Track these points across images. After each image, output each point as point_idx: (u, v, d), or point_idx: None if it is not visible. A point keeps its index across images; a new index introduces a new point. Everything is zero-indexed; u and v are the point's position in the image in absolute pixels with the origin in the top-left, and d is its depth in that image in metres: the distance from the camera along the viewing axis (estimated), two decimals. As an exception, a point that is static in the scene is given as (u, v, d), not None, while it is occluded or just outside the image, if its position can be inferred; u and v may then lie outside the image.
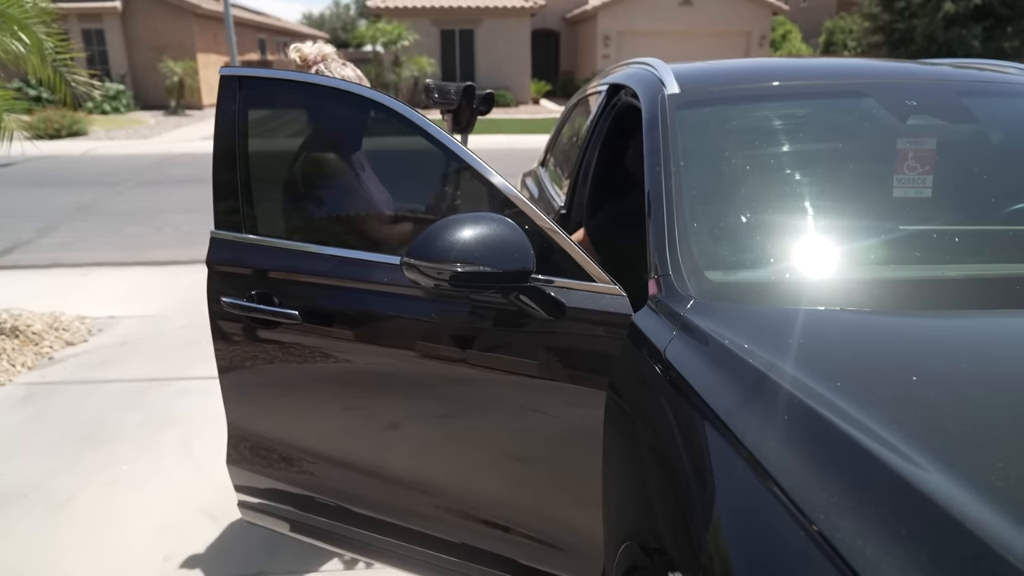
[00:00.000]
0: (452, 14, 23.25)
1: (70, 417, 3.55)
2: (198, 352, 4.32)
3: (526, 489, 1.80)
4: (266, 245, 1.93)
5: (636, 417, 1.45)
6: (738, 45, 25.01)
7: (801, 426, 1.07)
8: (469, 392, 1.77)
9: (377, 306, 1.82)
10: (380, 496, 2.00)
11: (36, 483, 2.97)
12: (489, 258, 1.50)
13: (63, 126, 16.22)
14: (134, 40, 22.85)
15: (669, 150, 1.79)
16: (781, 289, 1.49)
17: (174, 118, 20.89)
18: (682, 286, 1.49)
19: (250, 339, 1.97)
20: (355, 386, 1.95)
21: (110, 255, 6.72)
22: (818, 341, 1.29)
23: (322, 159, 2.13)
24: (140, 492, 2.90)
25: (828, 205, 1.76)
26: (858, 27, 24.37)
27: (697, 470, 1.18)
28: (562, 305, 1.60)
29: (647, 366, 1.44)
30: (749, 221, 1.71)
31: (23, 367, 4.16)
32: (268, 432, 2.10)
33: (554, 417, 1.68)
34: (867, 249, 1.63)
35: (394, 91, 21.87)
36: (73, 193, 9.74)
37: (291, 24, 36.69)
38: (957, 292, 1.53)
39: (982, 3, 19.94)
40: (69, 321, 4.84)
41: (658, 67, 2.16)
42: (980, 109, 2.03)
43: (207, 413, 3.52)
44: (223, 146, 1.95)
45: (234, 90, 1.96)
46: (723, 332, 1.32)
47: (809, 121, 2.04)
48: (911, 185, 1.81)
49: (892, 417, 1.04)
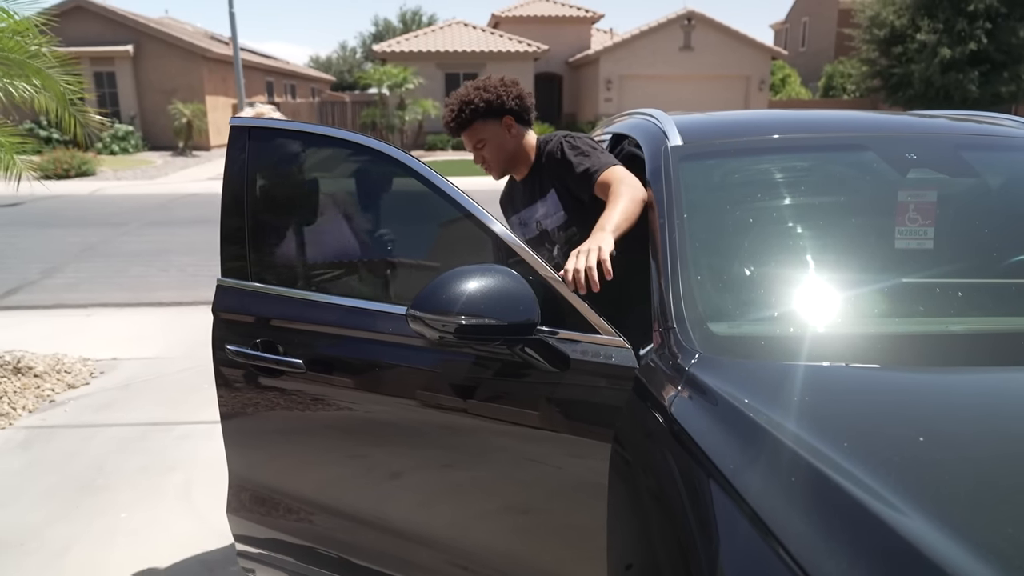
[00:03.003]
0: (457, 58, 23.69)
1: (69, 462, 3.52)
2: (200, 396, 4.30)
3: (527, 541, 1.78)
4: (271, 293, 1.94)
5: (640, 471, 1.44)
6: (738, 89, 25.39)
7: (808, 488, 1.06)
8: (471, 442, 1.76)
9: (382, 356, 1.82)
10: (381, 548, 1.98)
11: (33, 531, 2.93)
12: (494, 310, 1.50)
13: (72, 166, 16.43)
14: (144, 83, 23.28)
15: (672, 202, 1.80)
16: (786, 344, 1.49)
17: (181, 159, 21.17)
18: (687, 339, 1.49)
19: (254, 387, 1.97)
20: (358, 436, 1.94)
21: (114, 296, 6.74)
22: (824, 399, 1.29)
23: (327, 206, 2.16)
24: (139, 541, 2.86)
25: (831, 258, 1.77)
26: (856, 71, 24.76)
27: (702, 527, 1.16)
28: (566, 357, 1.60)
29: (652, 420, 1.43)
30: (753, 274, 1.72)
31: (24, 410, 4.15)
32: (270, 481, 2.08)
33: (557, 468, 1.67)
34: (871, 303, 1.64)
35: (399, 133, 22.18)
36: (79, 233, 9.82)
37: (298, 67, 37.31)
38: (961, 348, 1.53)
39: (978, 49, 20.30)
40: (71, 363, 4.84)
41: (660, 118, 2.19)
42: (979, 162, 2.06)
43: (208, 459, 3.49)
44: (231, 194, 1.98)
45: (243, 140, 1.99)
46: (729, 389, 1.32)
47: (811, 174, 2.07)
48: (912, 237, 1.83)
49: (900, 480, 1.04)
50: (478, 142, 2.22)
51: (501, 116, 2.19)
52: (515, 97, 2.20)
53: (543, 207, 2.22)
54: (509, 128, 2.21)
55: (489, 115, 2.18)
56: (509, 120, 2.20)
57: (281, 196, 2.11)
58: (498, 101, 2.17)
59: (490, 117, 2.18)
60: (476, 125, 2.19)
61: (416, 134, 22.53)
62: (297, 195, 2.15)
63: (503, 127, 2.20)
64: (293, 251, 2.09)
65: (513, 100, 2.19)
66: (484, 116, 2.18)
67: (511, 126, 2.21)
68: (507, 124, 2.20)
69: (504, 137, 2.22)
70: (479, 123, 2.19)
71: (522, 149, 2.25)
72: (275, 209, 2.07)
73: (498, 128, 2.20)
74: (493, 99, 2.17)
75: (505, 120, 2.20)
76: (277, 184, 2.10)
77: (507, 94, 2.18)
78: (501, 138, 2.21)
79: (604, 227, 1.75)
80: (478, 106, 2.17)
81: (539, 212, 2.24)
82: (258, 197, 2.00)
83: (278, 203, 2.09)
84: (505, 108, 2.18)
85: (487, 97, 2.17)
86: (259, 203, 2.00)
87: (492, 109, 2.17)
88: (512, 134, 2.22)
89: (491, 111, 2.18)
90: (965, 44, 20.34)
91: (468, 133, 2.22)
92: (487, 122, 2.19)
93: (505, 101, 2.18)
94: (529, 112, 2.26)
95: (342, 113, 24.60)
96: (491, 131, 2.20)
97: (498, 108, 2.18)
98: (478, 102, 2.17)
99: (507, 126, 2.20)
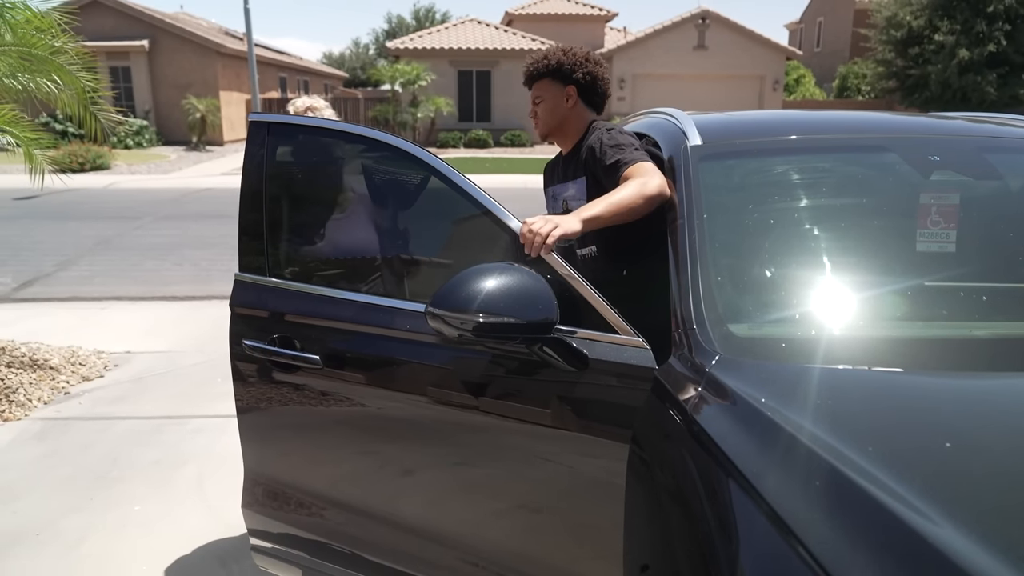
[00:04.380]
0: (470, 56, 23.67)
1: (84, 454, 3.54)
2: (213, 390, 4.32)
3: (541, 540, 1.77)
4: (289, 289, 1.95)
5: (659, 471, 1.43)
6: (752, 89, 25.25)
7: (834, 492, 1.05)
8: (486, 440, 1.75)
9: (399, 353, 1.82)
10: (394, 544, 1.98)
11: (48, 522, 2.96)
12: (513, 309, 1.50)
13: (87, 160, 16.53)
14: (159, 78, 23.40)
15: (692, 202, 1.79)
16: (807, 346, 1.48)
17: (195, 154, 21.27)
18: (707, 341, 1.48)
19: (270, 382, 1.97)
20: (374, 432, 1.94)
21: (128, 289, 6.78)
22: (848, 403, 1.27)
23: (345, 203, 2.16)
24: (151, 533, 2.88)
25: (851, 260, 1.75)
26: (872, 72, 24.57)
27: (722, 528, 1.16)
28: (585, 357, 1.59)
29: (672, 421, 1.42)
30: (773, 275, 1.71)
31: (39, 402, 4.18)
32: (285, 476, 2.08)
33: (571, 468, 1.66)
34: (892, 306, 1.62)
35: (411, 130, 22.19)
36: (94, 227, 9.88)
37: (311, 63, 37.40)
38: (985, 352, 1.51)
39: (997, 50, 20.09)
40: (86, 356, 4.87)
41: (679, 118, 2.17)
42: (1002, 165, 2.03)
43: (221, 452, 3.51)
44: (250, 190, 1.98)
45: (262, 135, 1.99)
46: (750, 391, 1.31)
47: (832, 175, 2.05)
48: (935, 240, 1.80)
49: (927, 485, 1.02)
50: (537, 97, 2.29)
51: (566, 83, 2.25)
52: (587, 73, 2.25)
53: (573, 188, 2.27)
54: (568, 98, 2.26)
55: (557, 77, 2.24)
56: (571, 90, 2.25)
57: (299, 192, 2.11)
58: (568, 68, 2.23)
59: (557, 79, 2.25)
60: (543, 82, 2.27)
61: (428, 131, 22.54)
62: (315, 191, 2.15)
63: (564, 94, 2.25)
64: (311, 247, 2.09)
65: (583, 74, 2.24)
66: (552, 76, 2.25)
67: (571, 96, 2.25)
68: (568, 93, 2.25)
69: (560, 103, 2.26)
70: (546, 81, 2.26)
71: (573, 123, 2.29)
72: (293, 205, 2.08)
73: (559, 93, 2.25)
74: (566, 63, 2.24)
75: (568, 89, 2.25)
76: (295, 180, 2.10)
77: (581, 67, 2.24)
78: (557, 102, 2.26)
79: (580, 212, 1.80)
80: (550, 64, 2.24)
81: (569, 191, 2.28)
82: (276, 193, 2.00)
83: (296, 199, 2.10)
84: (572, 77, 2.24)
85: (561, 60, 2.24)
86: (277, 199, 2.00)
87: (560, 73, 2.24)
88: (569, 104, 2.26)
89: (559, 74, 2.24)
90: (984, 46, 20.13)
91: (535, 87, 2.30)
92: (553, 82, 2.25)
93: (575, 70, 2.23)
94: (597, 94, 2.30)
95: (355, 109, 24.64)
96: (552, 92, 2.26)
97: (566, 74, 2.24)
98: (551, 61, 2.24)
99: (568, 95, 2.25)
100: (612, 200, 1.83)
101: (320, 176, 2.16)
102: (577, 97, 2.26)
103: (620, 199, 1.83)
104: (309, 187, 2.14)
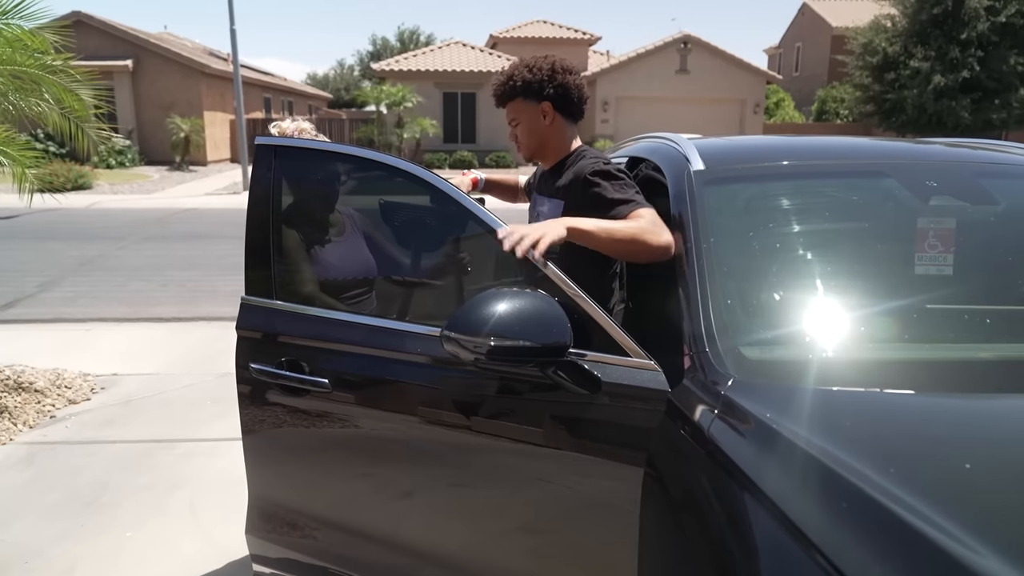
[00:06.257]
0: (455, 78, 23.84)
1: (73, 479, 3.48)
2: (203, 413, 4.27)
3: (554, 564, 1.77)
4: (297, 312, 1.94)
5: (677, 492, 1.44)
6: (733, 112, 25.63)
7: (857, 512, 1.07)
8: (491, 463, 1.75)
9: (411, 376, 1.82)
10: (401, 570, 1.96)
11: (37, 550, 2.89)
12: (528, 332, 1.51)
13: (68, 180, 16.37)
14: (143, 97, 23.30)
15: (699, 226, 1.81)
16: (819, 368, 1.49)
17: (178, 173, 21.15)
18: (720, 363, 1.49)
19: (277, 406, 1.95)
20: (387, 456, 1.92)
21: (113, 310, 6.70)
22: (867, 424, 1.30)
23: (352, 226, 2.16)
24: (146, 561, 2.82)
25: (858, 284, 1.78)
26: (850, 96, 25.06)
27: (744, 549, 1.17)
28: (598, 380, 1.60)
29: (688, 443, 1.43)
30: (782, 298, 1.73)
31: (24, 426, 4.10)
32: (292, 501, 2.06)
33: (582, 491, 1.66)
34: (898, 328, 1.65)
35: (397, 151, 22.24)
36: (77, 247, 9.78)
37: (296, 84, 37.47)
38: (992, 374, 1.54)
39: (970, 76, 20.59)
40: (72, 378, 4.79)
41: (681, 143, 2.19)
42: (998, 190, 2.08)
43: (213, 477, 3.46)
44: (257, 213, 1.98)
45: (269, 159, 1.99)
46: (767, 412, 1.32)
47: (833, 200, 2.08)
48: (932, 263, 1.84)
49: (948, 504, 1.04)
50: (512, 119, 2.16)
51: (539, 100, 2.10)
52: (558, 85, 2.09)
53: (548, 205, 2.15)
54: (544, 115, 2.12)
55: (528, 95, 2.10)
56: (547, 107, 2.11)
57: (307, 215, 2.11)
58: (537, 84, 2.08)
59: (529, 98, 2.11)
60: (515, 103, 2.13)
61: (414, 152, 22.61)
62: (323, 214, 2.15)
63: (539, 112, 2.11)
64: (319, 270, 2.09)
65: (555, 87, 2.08)
66: (523, 95, 2.11)
67: (547, 113, 2.11)
68: (544, 110, 2.11)
69: (538, 122, 2.13)
70: (518, 101, 2.12)
71: (555, 140, 2.16)
72: (301, 228, 2.08)
73: (534, 111, 2.12)
74: (533, 81, 2.08)
75: (543, 106, 2.11)
76: (303, 203, 2.10)
77: (550, 81, 2.08)
78: (535, 122, 2.13)
79: (567, 220, 1.75)
80: (516, 84, 2.10)
81: (544, 207, 2.18)
82: (283, 216, 2.00)
83: (304, 222, 2.10)
84: (544, 94, 2.09)
85: (528, 78, 2.08)
86: (284, 222, 2.00)
87: (531, 91, 2.09)
88: (547, 122, 2.12)
89: (529, 92, 2.10)
90: (958, 71, 20.64)
91: (508, 108, 2.16)
92: (525, 102, 2.11)
93: (545, 86, 2.08)
94: (573, 105, 2.14)
95: (339, 130, 24.67)
96: (527, 113, 2.13)
97: (536, 91, 2.09)
98: (518, 80, 2.10)
99: (543, 112, 2.11)
100: (611, 227, 1.77)
101: (326, 199, 2.16)
102: (554, 112, 2.11)
103: (622, 229, 1.77)
104: (316, 210, 2.14)
